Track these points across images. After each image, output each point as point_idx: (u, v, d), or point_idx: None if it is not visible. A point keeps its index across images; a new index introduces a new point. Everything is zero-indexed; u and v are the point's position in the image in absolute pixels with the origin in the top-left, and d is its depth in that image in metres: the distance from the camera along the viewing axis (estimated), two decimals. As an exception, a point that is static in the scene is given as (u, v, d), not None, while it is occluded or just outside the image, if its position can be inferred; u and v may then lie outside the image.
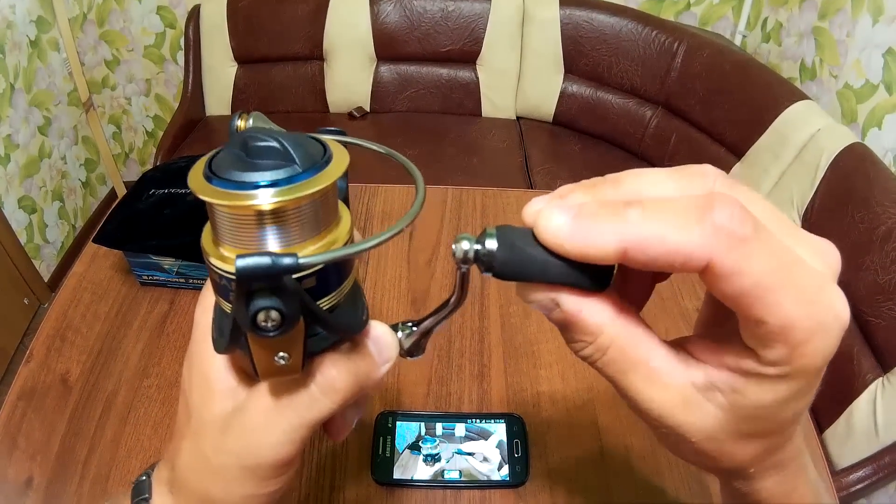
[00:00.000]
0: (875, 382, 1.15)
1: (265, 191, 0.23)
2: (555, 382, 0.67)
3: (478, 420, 0.62)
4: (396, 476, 0.58)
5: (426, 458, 0.59)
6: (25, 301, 2.02)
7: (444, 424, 0.62)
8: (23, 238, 2.01)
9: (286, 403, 0.28)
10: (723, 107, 1.79)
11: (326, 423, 0.33)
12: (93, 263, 0.80)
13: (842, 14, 1.65)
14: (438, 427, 0.61)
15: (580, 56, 2.09)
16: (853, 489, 1.04)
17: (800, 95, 1.61)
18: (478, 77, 2.21)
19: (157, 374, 0.67)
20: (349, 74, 2.20)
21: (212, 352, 0.29)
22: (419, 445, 0.60)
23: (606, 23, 2.03)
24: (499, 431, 0.61)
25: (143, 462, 0.59)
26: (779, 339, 0.22)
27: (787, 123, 1.58)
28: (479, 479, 0.58)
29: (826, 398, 1.21)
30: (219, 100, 2.26)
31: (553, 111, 2.19)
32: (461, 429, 0.61)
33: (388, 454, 0.59)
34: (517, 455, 0.59)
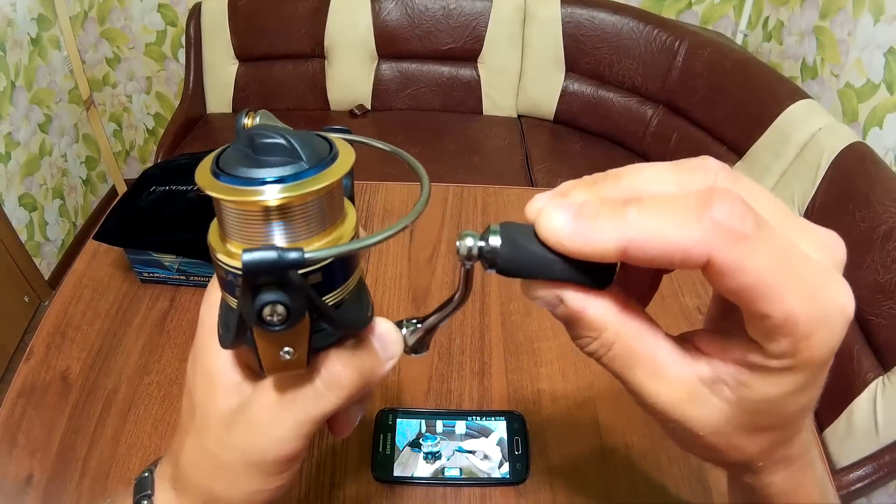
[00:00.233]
0: (875, 381, 1.15)
1: (272, 187, 0.23)
2: (555, 380, 0.67)
3: (478, 417, 0.62)
4: (397, 474, 0.58)
5: (426, 456, 0.59)
6: (26, 299, 2.02)
7: (445, 422, 0.62)
8: (23, 236, 2.01)
9: (291, 399, 0.28)
10: (724, 106, 1.79)
11: (330, 420, 0.33)
12: (93, 261, 0.80)
13: (843, 13, 1.65)
14: (439, 424, 0.61)
15: (581, 54, 2.09)
16: (853, 488, 1.04)
17: (801, 94, 1.61)
18: (479, 75, 2.21)
19: (158, 372, 0.67)
20: (350, 72, 2.20)
21: (217, 348, 0.29)
22: (419, 443, 0.60)
23: (608, 21, 2.03)
24: (499, 429, 0.61)
25: (144, 459, 0.59)
26: (783, 333, 0.22)
27: (789, 122, 1.58)
28: (480, 477, 0.58)
29: (826, 397, 1.20)
30: (220, 97, 2.26)
31: (554, 109, 2.19)
32: (462, 426, 0.61)
33: (389, 452, 0.59)
34: (518, 452, 0.59)
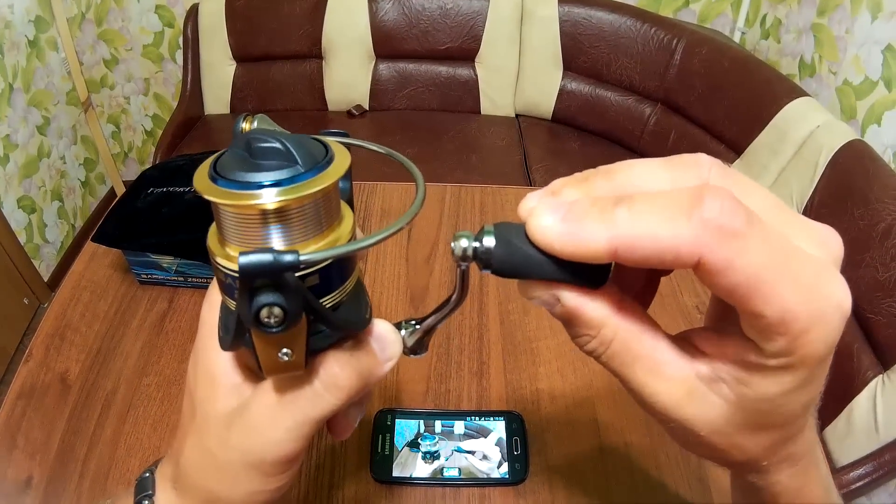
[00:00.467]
0: (875, 380, 1.15)
1: (269, 190, 0.24)
2: (554, 380, 0.67)
3: (477, 417, 0.62)
4: (395, 474, 0.58)
5: (425, 456, 0.59)
6: (25, 301, 2.02)
7: (444, 422, 0.62)
8: (22, 238, 2.01)
9: (290, 400, 0.28)
10: (722, 104, 1.79)
11: (330, 422, 0.33)
12: (92, 262, 0.80)
13: (841, 10, 1.65)
14: (438, 425, 0.61)
15: (579, 53, 2.09)
16: (853, 487, 1.04)
17: (799, 92, 1.61)
18: (477, 75, 2.21)
19: (157, 373, 0.67)
20: (348, 72, 2.20)
21: (217, 349, 0.29)
22: (418, 443, 0.60)
23: (605, 20, 2.02)
24: (498, 429, 0.61)
25: (143, 460, 0.59)
26: (778, 331, 0.21)
27: (787, 120, 1.58)
28: (479, 477, 0.58)
29: (826, 396, 1.20)
30: (217, 98, 2.26)
31: (552, 108, 2.19)
32: (460, 426, 0.61)
33: (388, 452, 0.59)
34: (516, 453, 0.59)
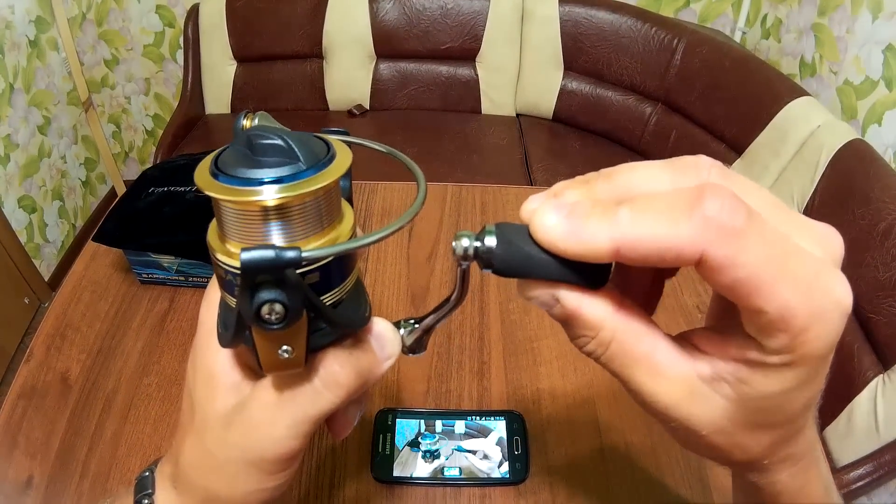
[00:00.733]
0: (876, 380, 1.15)
1: (270, 187, 0.24)
2: (555, 379, 0.67)
3: (478, 417, 0.62)
4: (396, 474, 0.58)
5: (425, 455, 0.59)
6: (26, 300, 2.02)
7: (444, 421, 0.62)
8: (23, 237, 2.01)
9: (290, 398, 0.28)
10: (722, 103, 1.79)
11: (329, 421, 0.33)
12: (92, 262, 0.80)
13: (841, 10, 1.65)
14: (438, 424, 0.61)
15: (579, 53, 2.09)
16: (854, 487, 1.04)
17: (800, 92, 1.61)
18: (477, 74, 2.21)
19: (157, 373, 0.67)
20: (348, 72, 2.20)
21: (216, 347, 0.29)
22: (419, 442, 0.60)
23: (606, 20, 2.02)
24: (499, 428, 0.61)
25: (144, 460, 0.59)
26: (779, 328, 0.22)
27: (787, 120, 1.57)
28: (480, 477, 0.58)
29: (826, 395, 1.21)
30: (218, 98, 2.26)
31: (553, 108, 2.19)
32: (461, 426, 0.61)
33: (388, 452, 0.59)
34: (517, 452, 0.59)
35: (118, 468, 0.58)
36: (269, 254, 0.22)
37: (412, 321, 0.32)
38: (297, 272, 0.23)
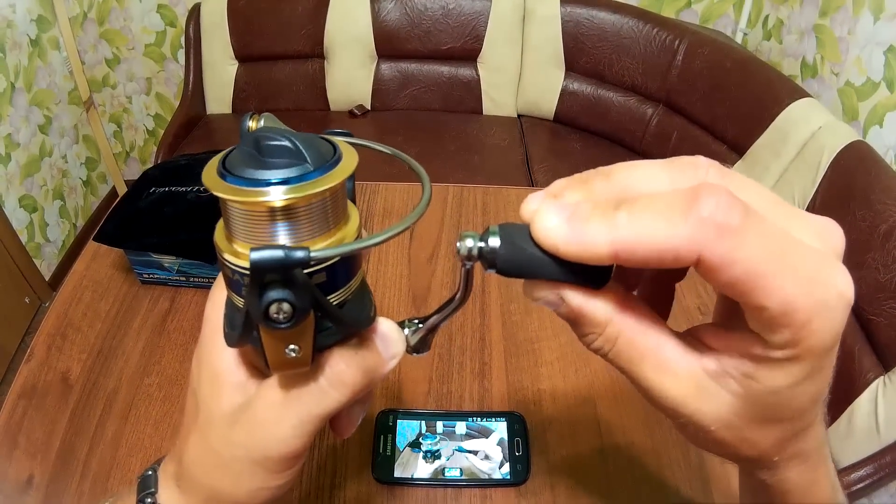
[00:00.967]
0: (876, 381, 1.15)
1: (277, 188, 0.24)
2: (556, 380, 0.67)
3: (479, 418, 0.62)
4: (397, 475, 0.58)
5: (426, 455, 0.59)
6: (26, 300, 2.02)
7: (445, 422, 0.62)
8: (24, 237, 2.01)
9: (295, 396, 0.28)
10: (724, 104, 1.79)
11: (332, 421, 0.33)
12: (93, 262, 0.80)
13: (843, 11, 1.65)
14: (439, 425, 0.61)
15: (581, 53, 2.09)
16: (854, 488, 1.04)
17: (801, 93, 1.61)
18: (479, 75, 2.21)
19: (158, 373, 0.67)
20: (350, 72, 2.20)
21: (222, 347, 0.30)
22: (420, 443, 0.60)
23: (607, 20, 2.02)
24: (500, 429, 0.61)
25: (144, 460, 0.59)
26: (782, 323, 0.22)
27: (789, 121, 1.57)
28: (480, 478, 0.58)
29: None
30: (219, 98, 2.26)
31: (554, 109, 2.19)
32: (462, 427, 0.61)
33: (389, 452, 0.59)
34: (518, 453, 0.59)
35: (119, 468, 0.58)
36: (279, 253, 0.22)
37: (416, 321, 0.32)
38: (305, 272, 0.23)
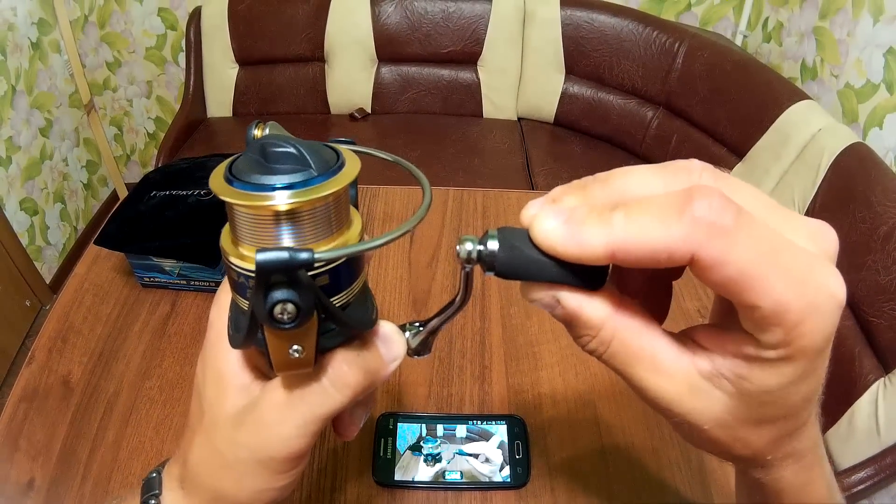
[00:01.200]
0: (877, 383, 1.15)
1: (282, 193, 0.25)
2: (556, 383, 0.67)
3: (479, 421, 0.62)
4: (397, 478, 0.58)
5: (427, 458, 0.59)
6: (27, 303, 2.02)
7: (446, 426, 0.62)
8: (24, 240, 2.02)
9: (299, 397, 0.29)
10: (724, 107, 1.79)
11: (335, 422, 0.34)
12: (94, 265, 0.80)
13: (842, 14, 1.65)
14: (439, 428, 0.62)
15: (581, 57, 2.09)
16: (855, 490, 1.04)
17: (801, 95, 1.61)
18: (479, 78, 2.21)
19: (159, 376, 0.67)
20: (350, 76, 2.20)
21: (227, 349, 0.30)
22: (420, 446, 0.60)
23: (607, 23, 2.03)
24: (500, 432, 0.61)
25: (145, 463, 0.59)
26: (774, 323, 0.22)
27: (789, 123, 1.58)
28: (481, 481, 0.58)
29: (827, 399, 1.20)
30: (220, 101, 2.26)
31: (554, 112, 2.19)
32: (462, 430, 0.61)
33: (390, 455, 0.59)
34: (518, 456, 0.59)
35: (120, 471, 0.58)
36: (284, 255, 0.22)
37: (417, 324, 0.33)
38: (309, 274, 0.24)
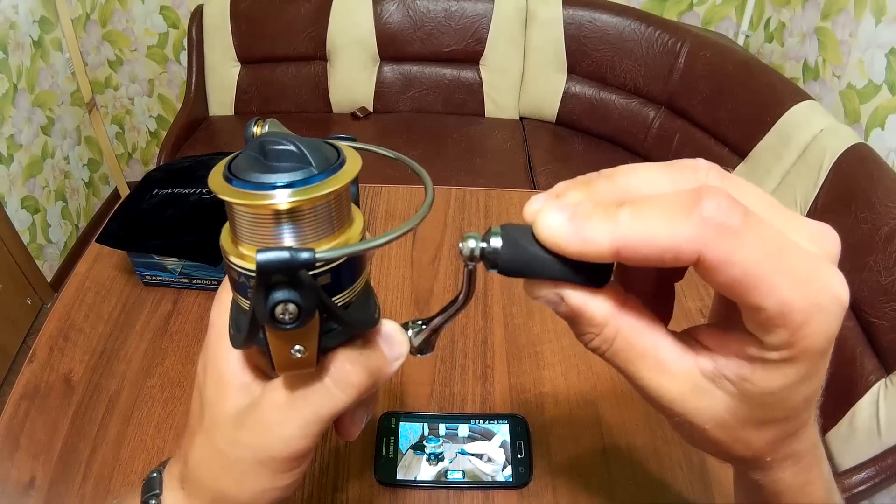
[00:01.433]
0: (878, 384, 1.15)
1: (282, 191, 0.24)
2: (558, 383, 0.67)
3: (481, 421, 0.62)
4: (399, 477, 0.58)
5: (429, 457, 0.59)
6: (28, 301, 2.02)
7: (448, 425, 0.62)
8: (26, 238, 2.02)
9: (301, 397, 0.28)
10: (726, 107, 1.79)
11: (337, 423, 0.34)
12: (96, 263, 0.80)
13: (844, 14, 1.65)
14: (442, 428, 0.61)
15: (583, 56, 2.09)
16: (856, 491, 1.04)
17: (803, 96, 1.61)
18: (481, 77, 2.21)
19: (161, 375, 0.67)
20: (352, 75, 2.20)
21: (228, 349, 0.30)
22: (423, 445, 0.60)
23: (609, 23, 2.02)
24: (502, 432, 0.61)
25: (146, 462, 0.59)
26: (778, 324, 0.22)
27: (790, 124, 1.57)
28: (483, 480, 0.58)
29: (828, 399, 1.20)
30: (222, 100, 2.26)
31: (556, 111, 2.19)
32: (464, 429, 0.61)
33: (392, 455, 0.59)
34: (520, 456, 0.59)
35: (121, 470, 0.58)
36: (284, 255, 0.22)
37: (419, 322, 0.32)
38: (310, 273, 0.23)
